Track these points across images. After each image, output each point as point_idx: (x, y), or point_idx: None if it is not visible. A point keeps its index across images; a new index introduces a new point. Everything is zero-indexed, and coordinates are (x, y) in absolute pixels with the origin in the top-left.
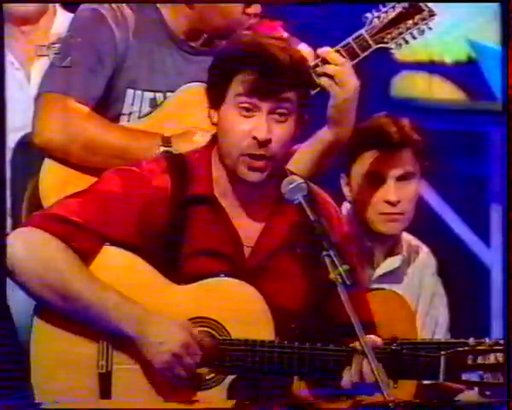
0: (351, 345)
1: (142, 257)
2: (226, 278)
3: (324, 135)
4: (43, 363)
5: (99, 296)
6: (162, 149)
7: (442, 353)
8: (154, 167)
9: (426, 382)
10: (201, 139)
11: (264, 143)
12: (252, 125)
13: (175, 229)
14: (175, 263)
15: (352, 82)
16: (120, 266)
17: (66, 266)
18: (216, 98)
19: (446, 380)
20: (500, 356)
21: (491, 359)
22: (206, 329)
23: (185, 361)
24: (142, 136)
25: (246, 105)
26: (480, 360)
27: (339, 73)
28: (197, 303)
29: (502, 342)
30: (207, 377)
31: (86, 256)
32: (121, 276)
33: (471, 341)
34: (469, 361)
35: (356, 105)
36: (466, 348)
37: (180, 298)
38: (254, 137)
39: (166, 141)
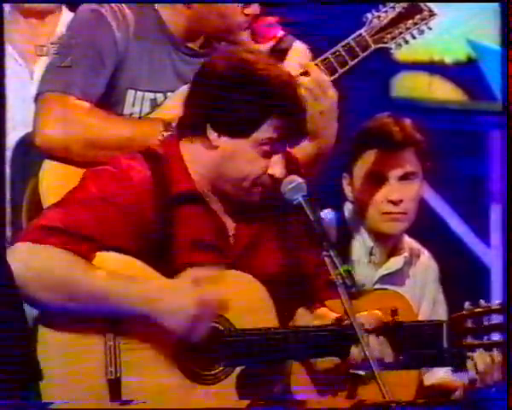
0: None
1: (136, 257)
2: (223, 270)
3: (306, 147)
4: (51, 372)
5: (106, 284)
6: (165, 134)
7: (444, 321)
8: (133, 163)
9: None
10: None
11: (279, 181)
12: (269, 163)
13: (162, 226)
14: (166, 259)
15: (328, 96)
16: (116, 268)
17: (66, 263)
18: (244, 131)
19: (450, 345)
20: (499, 316)
21: (492, 319)
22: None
23: (205, 318)
24: (143, 123)
25: (269, 148)
26: (479, 323)
27: (315, 86)
28: None
29: (498, 302)
30: (215, 371)
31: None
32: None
33: (466, 305)
34: (469, 325)
35: (335, 118)
36: (465, 312)
37: None
38: (271, 175)
39: (168, 126)
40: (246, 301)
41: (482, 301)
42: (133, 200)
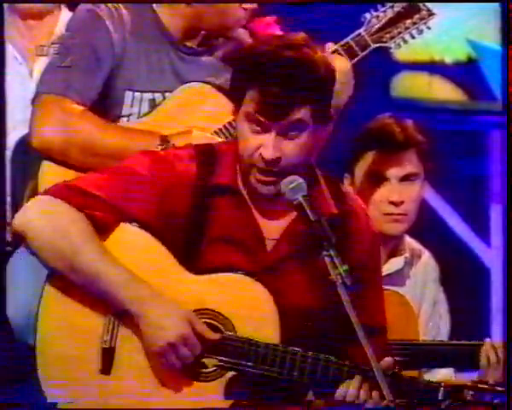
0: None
1: (160, 241)
2: (239, 275)
3: None
4: (49, 329)
5: (108, 271)
6: (160, 148)
7: (442, 384)
8: (181, 153)
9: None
10: (200, 138)
11: (271, 163)
12: (260, 141)
13: (196, 216)
14: (194, 250)
15: (352, 80)
16: (136, 245)
17: (80, 237)
18: (233, 103)
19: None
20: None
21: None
22: (212, 322)
23: (181, 353)
24: (139, 136)
25: (255, 122)
26: (479, 398)
27: (344, 74)
28: (206, 295)
29: (503, 388)
30: (209, 370)
31: (103, 230)
32: (135, 255)
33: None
34: (469, 397)
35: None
36: (467, 384)
37: (190, 287)
38: (261, 155)
39: (164, 140)
40: (254, 310)
41: (490, 381)
42: (170, 187)
